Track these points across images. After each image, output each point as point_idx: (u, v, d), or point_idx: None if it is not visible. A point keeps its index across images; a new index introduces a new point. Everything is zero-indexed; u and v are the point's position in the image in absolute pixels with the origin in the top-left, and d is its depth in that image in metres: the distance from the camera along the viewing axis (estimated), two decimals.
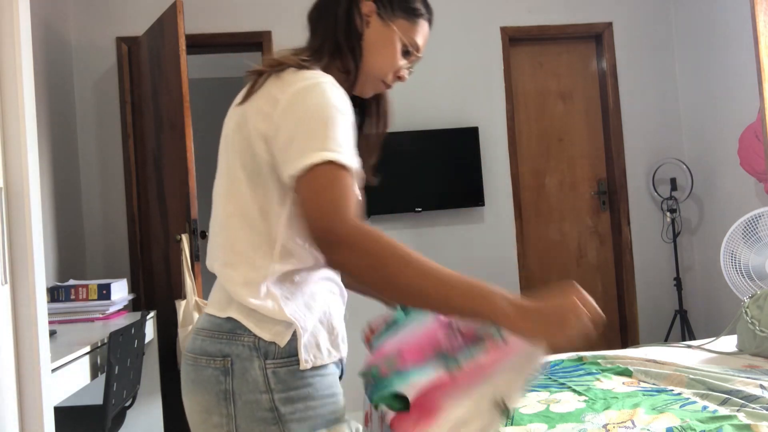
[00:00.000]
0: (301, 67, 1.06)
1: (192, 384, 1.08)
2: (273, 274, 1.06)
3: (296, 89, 1.02)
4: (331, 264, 0.98)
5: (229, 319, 1.07)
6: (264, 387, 1.03)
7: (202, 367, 1.06)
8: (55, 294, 2.66)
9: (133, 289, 3.59)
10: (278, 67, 1.08)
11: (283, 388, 1.04)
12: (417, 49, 1.17)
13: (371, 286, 0.97)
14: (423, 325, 1.34)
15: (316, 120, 0.99)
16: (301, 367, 1.05)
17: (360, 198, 1.06)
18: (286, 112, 1.01)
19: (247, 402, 1.03)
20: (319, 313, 1.11)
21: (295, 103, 1.01)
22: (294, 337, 1.06)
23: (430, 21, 1.19)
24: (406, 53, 1.17)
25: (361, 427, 1.16)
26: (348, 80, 1.14)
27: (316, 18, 1.18)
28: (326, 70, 1.09)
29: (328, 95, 1.02)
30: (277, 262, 1.07)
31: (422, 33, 1.17)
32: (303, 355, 1.05)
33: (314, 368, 1.07)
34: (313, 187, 0.96)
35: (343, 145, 1.00)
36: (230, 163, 1.10)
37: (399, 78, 1.19)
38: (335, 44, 1.14)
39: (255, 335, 1.05)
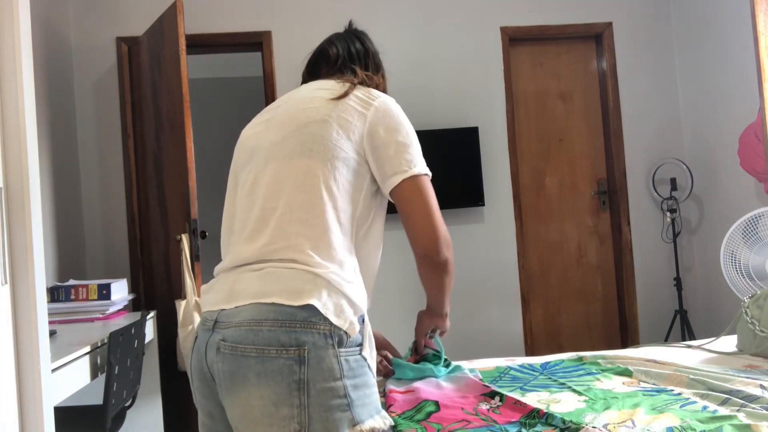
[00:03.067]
0: (379, 89, 1.40)
1: (257, 377, 1.06)
2: (352, 258, 1.19)
3: (385, 99, 1.30)
4: (439, 262, 1.28)
5: (305, 307, 1.08)
6: (338, 374, 1.07)
7: (272, 358, 1.05)
8: (55, 294, 2.66)
9: (133, 289, 3.59)
10: (363, 82, 1.36)
11: (352, 375, 1.09)
12: None
13: (447, 277, 1.34)
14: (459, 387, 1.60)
15: (411, 136, 1.28)
16: (363, 353, 1.13)
17: None
18: (383, 119, 1.26)
19: (321, 390, 1.05)
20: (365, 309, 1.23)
21: (390, 113, 1.27)
22: (361, 327, 1.14)
23: None
24: None
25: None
26: None
27: (358, 59, 1.46)
28: None
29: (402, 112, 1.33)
30: (357, 245, 1.22)
31: None
32: (366, 343, 1.14)
33: (365, 359, 1.14)
34: (424, 195, 1.25)
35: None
36: (312, 145, 1.21)
37: None
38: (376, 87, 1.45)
39: (331, 323, 1.08)
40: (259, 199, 1.22)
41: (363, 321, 1.16)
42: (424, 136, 3.80)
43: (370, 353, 1.16)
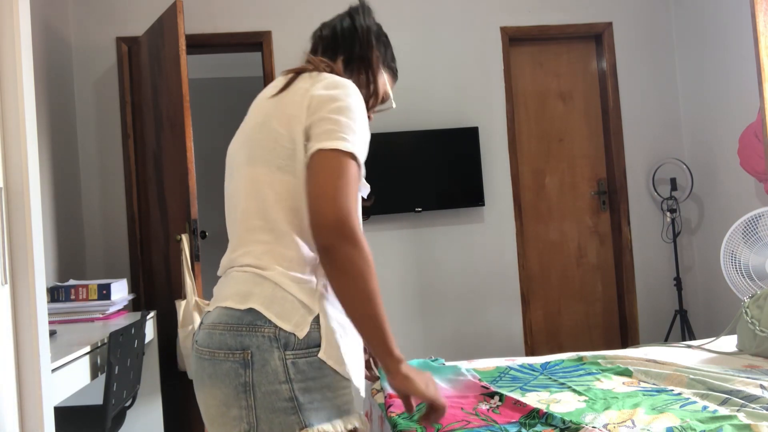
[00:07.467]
0: (333, 72, 1.23)
1: (209, 379, 1.11)
2: (311, 257, 1.14)
3: (331, 80, 1.17)
4: (328, 249, 1.05)
5: (250, 310, 1.10)
6: (284, 377, 1.07)
7: (220, 361, 1.09)
8: (55, 294, 2.66)
9: (133, 289, 3.59)
10: (314, 68, 1.23)
11: (302, 378, 1.08)
12: (389, 97, 1.40)
13: (349, 282, 1.05)
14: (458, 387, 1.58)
15: (347, 112, 1.12)
16: (320, 355, 1.09)
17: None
18: (320, 94, 1.14)
19: (266, 393, 1.06)
20: (339, 315, 1.15)
21: (330, 89, 1.15)
22: (313, 328, 1.10)
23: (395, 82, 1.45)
24: (382, 99, 1.39)
25: (365, 418, 1.18)
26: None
27: (333, 40, 1.33)
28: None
29: (358, 95, 1.18)
30: (310, 246, 1.14)
31: (392, 88, 1.42)
32: (324, 345, 1.10)
33: (325, 361, 1.10)
34: (333, 169, 1.06)
35: (364, 143, 1.14)
36: (256, 151, 1.18)
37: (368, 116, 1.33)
38: (360, 69, 1.32)
39: (275, 326, 1.08)
40: (229, 211, 1.26)
41: (318, 322, 1.10)
42: (424, 136, 3.85)
43: (335, 354, 1.11)
